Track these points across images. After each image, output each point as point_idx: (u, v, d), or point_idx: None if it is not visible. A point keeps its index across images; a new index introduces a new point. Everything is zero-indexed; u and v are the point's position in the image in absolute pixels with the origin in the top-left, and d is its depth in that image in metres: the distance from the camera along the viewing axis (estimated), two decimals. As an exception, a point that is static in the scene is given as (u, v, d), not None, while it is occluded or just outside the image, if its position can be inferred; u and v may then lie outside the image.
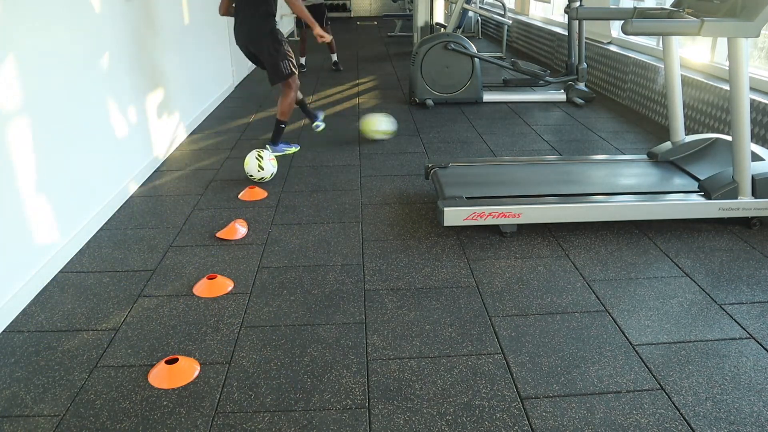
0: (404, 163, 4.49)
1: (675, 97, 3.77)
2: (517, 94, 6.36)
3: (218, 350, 2.36)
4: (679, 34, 3.35)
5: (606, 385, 2.15)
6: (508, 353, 2.33)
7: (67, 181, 3.11)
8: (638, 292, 2.75)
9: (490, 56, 6.82)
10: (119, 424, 2.00)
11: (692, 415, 2.01)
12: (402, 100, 6.48)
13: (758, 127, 4.13)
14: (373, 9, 17.19)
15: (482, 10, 9.02)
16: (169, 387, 2.16)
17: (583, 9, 3.52)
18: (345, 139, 5.11)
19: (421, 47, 6.00)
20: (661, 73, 5.43)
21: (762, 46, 4.77)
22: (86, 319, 2.57)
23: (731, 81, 3.08)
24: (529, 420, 2.00)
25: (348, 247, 3.18)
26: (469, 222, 3.18)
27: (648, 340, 2.40)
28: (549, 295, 2.72)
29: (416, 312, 2.60)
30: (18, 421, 2.02)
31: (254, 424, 1.99)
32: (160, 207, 3.72)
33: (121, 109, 3.84)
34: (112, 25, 3.76)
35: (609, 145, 4.83)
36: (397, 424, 1.98)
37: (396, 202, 3.76)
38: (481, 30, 11.67)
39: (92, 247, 3.20)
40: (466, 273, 2.92)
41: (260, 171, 4.06)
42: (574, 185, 3.49)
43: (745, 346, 2.36)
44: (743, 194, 3.21)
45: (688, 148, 3.86)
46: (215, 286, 2.77)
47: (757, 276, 2.86)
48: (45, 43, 2.95)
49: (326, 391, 2.14)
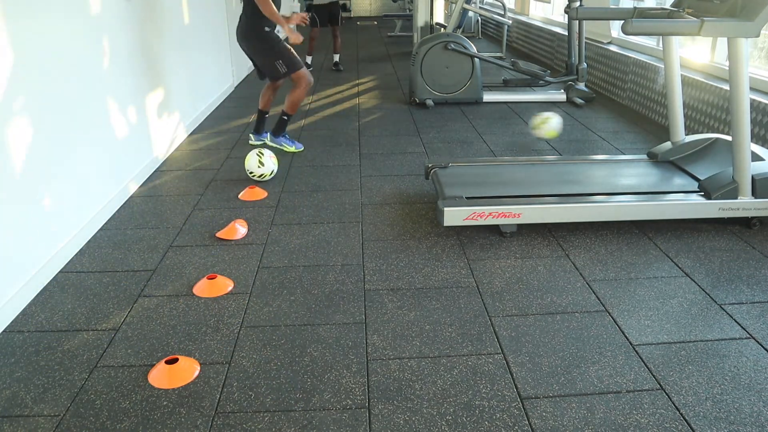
0: (404, 163, 4.49)
1: (675, 97, 3.77)
2: (517, 94, 6.35)
3: (218, 350, 2.36)
4: (679, 34, 3.34)
5: (606, 385, 2.15)
6: (508, 353, 2.33)
7: (67, 181, 3.11)
8: (638, 292, 2.75)
9: (490, 56, 6.82)
10: (119, 424, 2.00)
11: (692, 415, 2.01)
12: (402, 100, 6.48)
13: (758, 127, 4.13)
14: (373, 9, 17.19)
15: (482, 10, 9.02)
16: (169, 387, 2.16)
17: (583, 9, 3.52)
18: (345, 139, 5.11)
19: (421, 47, 6.00)
20: (661, 73, 5.43)
21: (762, 46, 4.77)
22: (86, 319, 2.57)
23: (731, 81, 3.08)
24: (529, 420, 2.00)
25: (348, 247, 3.18)
26: (469, 222, 3.18)
27: (648, 340, 2.40)
28: (549, 295, 2.72)
29: (416, 312, 2.60)
30: (18, 421, 2.02)
31: (254, 424, 1.99)
32: (160, 207, 3.72)
33: (121, 109, 3.84)
34: (112, 24, 3.76)
35: (609, 145, 4.83)
36: (397, 424, 1.98)
37: (396, 202, 3.76)
38: (481, 30, 11.67)
39: (92, 247, 3.20)
40: (466, 273, 2.92)
41: (260, 167, 4.03)
42: (574, 185, 3.49)
43: (745, 346, 2.36)
44: (743, 194, 3.21)
45: (688, 148, 3.86)
46: (215, 286, 2.77)
47: (757, 276, 2.86)
48: (45, 42, 2.95)
49: (326, 391, 2.14)
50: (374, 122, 5.62)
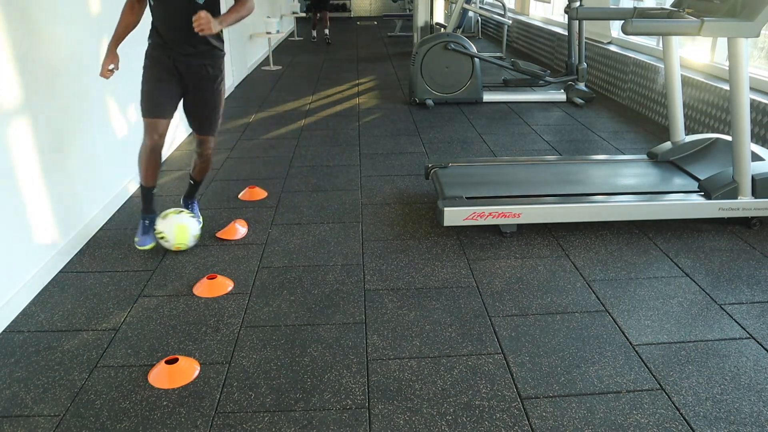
0: (404, 163, 4.49)
1: (675, 97, 3.77)
2: (517, 94, 6.35)
3: (218, 350, 2.36)
4: (679, 34, 3.34)
5: (606, 385, 2.15)
6: (508, 353, 2.33)
7: (66, 180, 3.11)
8: (638, 292, 2.75)
9: (490, 56, 6.81)
10: (119, 424, 2.00)
11: (692, 415, 2.01)
12: (402, 100, 6.48)
13: (758, 127, 4.13)
14: (373, 9, 17.19)
15: (482, 10, 9.02)
16: (169, 387, 2.16)
17: (583, 9, 3.52)
18: (345, 139, 5.11)
19: (421, 47, 6.00)
20: (661, 73, 5.43)
21: (762, 46, 4.77)
22: (86, 319, 2.57)
23: (731, 81, 3.08)
24: (529, 420, 2.00)
25: (348, 247, 3.18)
26: (469, 222, 3.18)
27: (648, 340, 2.40)
28: (549, 295, 2.72)
29: (416, 312, 2.60)
30: (18, 421, 2.02)
31: (254, 424, 1.99)
32: (160, 207, 3.71)
33: (121, 108, 3.84)
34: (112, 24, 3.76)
35: (609, 145, 4.83)
36: (397, 424, 1.98)
37: (396, 202, 3.76)
38: (481, 30, 11.67)
39: (92, 247, 3.20)
40: (466, 273, 2.92)
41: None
42: (574, 185, 3.49)
43: (745, 346, 2.36)
44: (743, 194, 3.21)
45: (688, 148, 3.86)
46: (215, 286, 2.77)
47: (757, 276, 2.86)
48: (45, 42, 2.95)
49: (326, 391, 2.14)
50: (374, 122, 5.62)
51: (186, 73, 2.91)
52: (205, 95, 2.99)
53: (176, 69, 2.89)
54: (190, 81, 2.93)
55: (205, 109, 3.03)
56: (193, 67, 2.90)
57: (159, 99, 2.89)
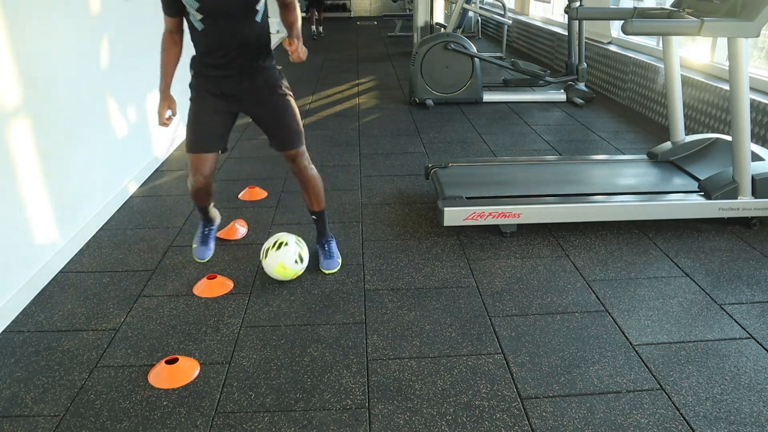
0: (404, 163, 4.49)
1: (675, 97, 3.77)
2: (517, 94, 6.35)
3: (218, 350, 2.36)
4: (679, 34, 3.34)
5: (606, 385, 2.15)
6: (508, 353, 2.33)
7: (67, 180, 3.11)
8: (638, 292, 2.75)
9: (490, 56, 6.82)
10: (119, 424, 2.00)
11: (692, 415, 2.01)
12: (402, 100, 6.48)
13: (758, 127, 4.13)
14: (373, 9, 17.19)
15: (482, 10, 9.02)
16: (169, 387, 2.16)
17: (583, 9, 3.52)
18: (345, 139, 5.11)
19: (421, 47, 6.00)
20: (661, 73, 5.43)
21: (762, 46, 4.77)
22: (86, 319, 2.57)
23: (731, 81, 3.08)
24: (529, 420, 2.00)
25: (348, 247, 3.18)
26: (469, 222, 3.18)
27: (648, 340, 2.40)
28: (549, 295, 2.72)
29: (416, 312, 2.60)
30: (18, 421, 2.02)
31: (254, 424, 1.99)
32: (160, 207, 3.71)
33: (121, 108, 3.84)
34: (112, 24, 3.76)
35: (609, 145, 4.83)
36: (397, 424, 1.98)
37: (396, 202, 3.76)
38: (481, 30, 11.67)
39: (92, 247, 3.20)
40: (466, 273, 2.92)
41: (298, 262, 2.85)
42: (574, 185, 3.49)
43: (745, 346, 2.36)
44: (743, 194, 3.21)
45: (688, 148, 3.86)
46: (215, 286, 2.77)
47: (757, 276, 2.86)
48: (45, 42, 2.95)
49: (326, 391, 2.14)
50: (374, 122, 5.62)
51: (245, 93, 2.64)
52: (272, 104, 2.70)
53: (231, 95, 2.64)
54: (251, 98, 2.66)
55: (280, 119, 2.72)
56: (254, 84, 2.64)
57: (204, 131, 2.66)
